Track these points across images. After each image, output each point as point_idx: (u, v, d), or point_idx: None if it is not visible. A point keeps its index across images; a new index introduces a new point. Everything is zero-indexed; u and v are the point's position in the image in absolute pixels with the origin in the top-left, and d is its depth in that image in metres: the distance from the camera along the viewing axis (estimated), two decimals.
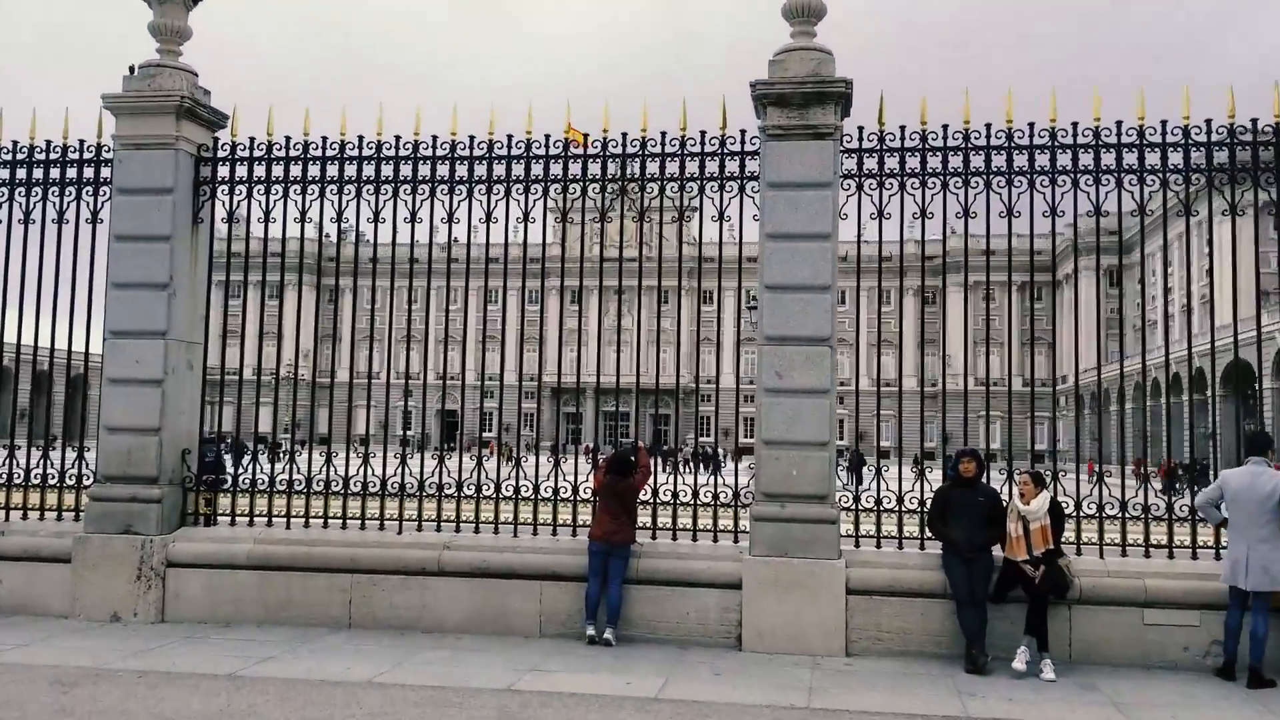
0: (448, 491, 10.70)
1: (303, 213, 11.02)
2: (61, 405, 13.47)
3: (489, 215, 10.76)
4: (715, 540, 10.27)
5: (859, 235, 10.20)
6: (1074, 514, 9.80)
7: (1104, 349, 71.41)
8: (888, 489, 10.10)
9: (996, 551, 9.48)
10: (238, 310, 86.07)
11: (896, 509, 10.09)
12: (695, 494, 10.32)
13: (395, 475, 10.76)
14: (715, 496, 10.31)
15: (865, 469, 11.64)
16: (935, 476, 10.29)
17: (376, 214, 10.89)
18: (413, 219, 10.86)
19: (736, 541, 10.22)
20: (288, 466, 10.94)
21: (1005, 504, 9.60)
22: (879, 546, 10.04)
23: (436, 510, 10.69)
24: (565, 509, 10.60)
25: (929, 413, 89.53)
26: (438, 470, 10.70)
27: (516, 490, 10.57)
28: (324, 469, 10.83)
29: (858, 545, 10.06)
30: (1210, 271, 35.15)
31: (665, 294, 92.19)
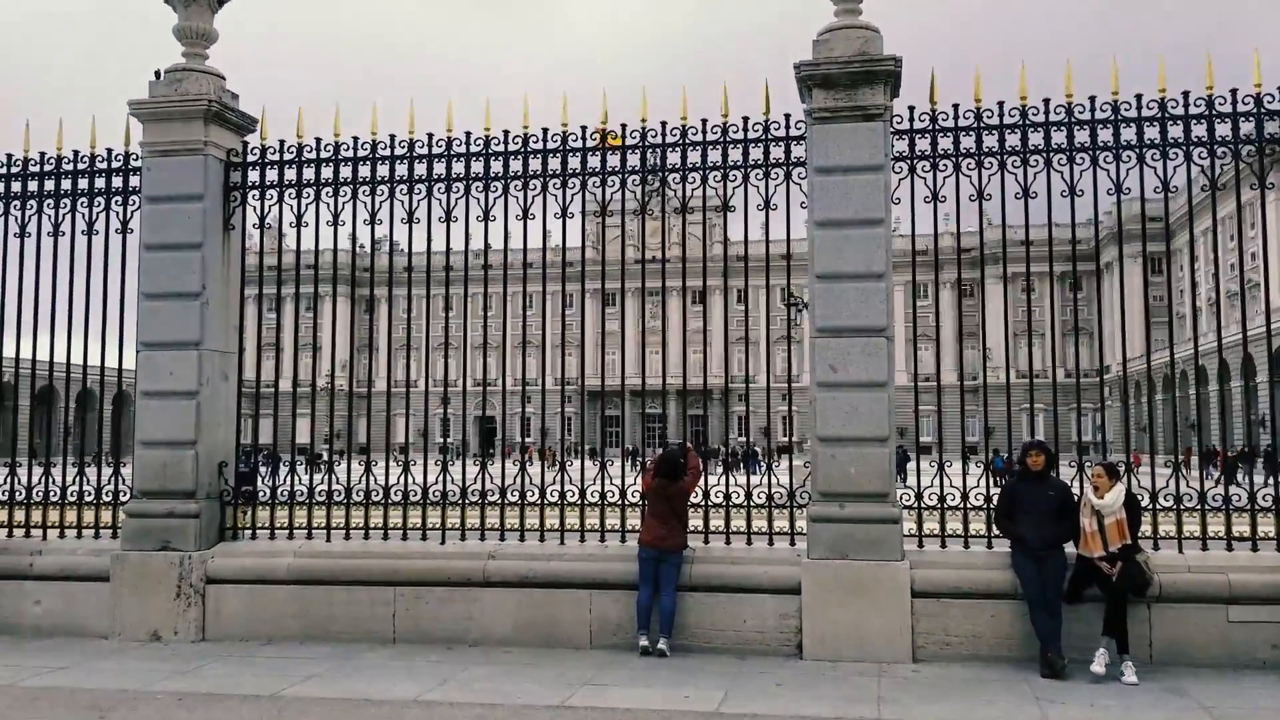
0: (491, 499, 10.34)
1: (335, 215, 10.70)
2: (95, 421, 13.22)
3: (525, 211, 10.40)
4: (771, 543, 9.84)
5: (913, 220, 9.74)
6: (1149, 506, 9.27)
7: (1179, 332, 70.16)
8: (950, 485, 9.62)
9: (1069, 548, 8.99)
10: (272, 321, 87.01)
11: (961, 506, 9.61)
12: (748, 495, 9.89)
13: (436, 483, 10.41)
14: (769, 497, 9.89)
15: (908, 465, 11.20)
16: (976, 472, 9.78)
17: (411, 214, 10.56)
18: (448, 218, 10.52)
19: (793, 544, 9.78)
20: (326, 477, 10.62)
21: (1077, 498, 9.12)
22: (944, 546, 9.57)
23: (480, 518, 10.33)
24: (613, 514, 10.20)
25: (970, 407, 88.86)
26: (480, 476, 10.34)
27: (562, 496, 10.19)
28: (363, 479, 10.52)
29: (921, 545, 9.60)
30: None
31: (705, 292, 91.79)
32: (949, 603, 9.14)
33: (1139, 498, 9.09)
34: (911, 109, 9.81)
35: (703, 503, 9.90)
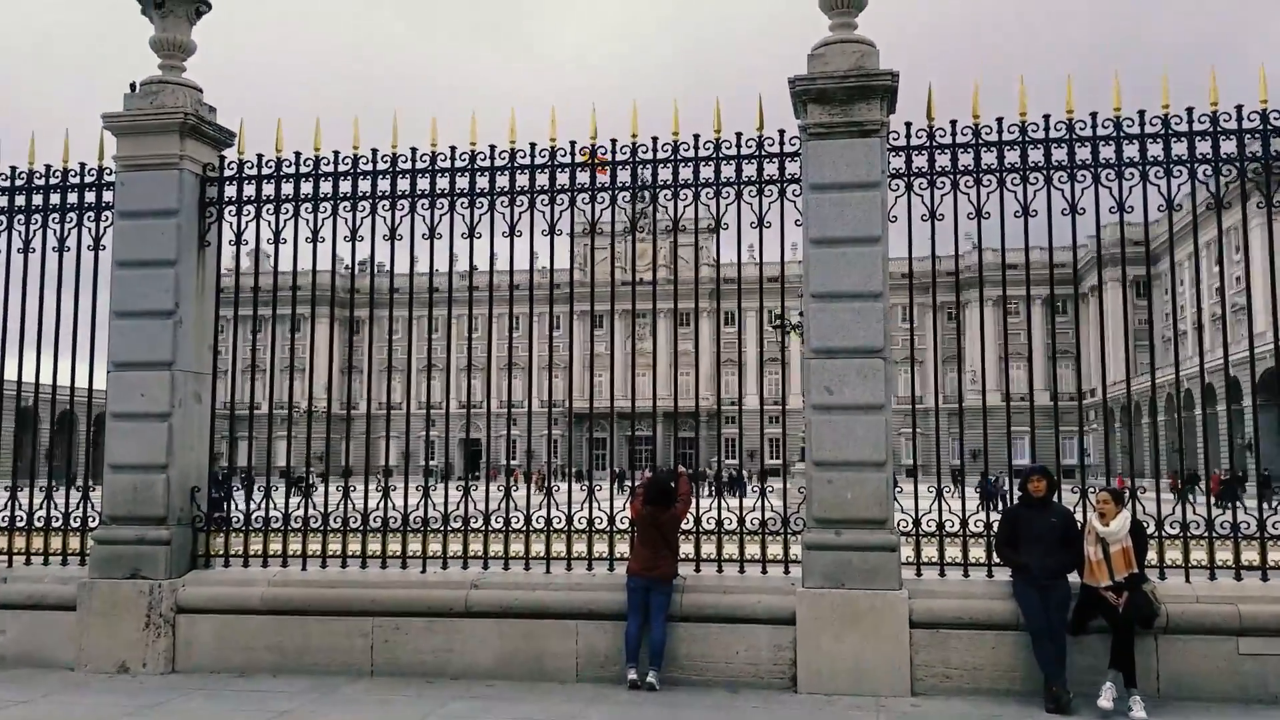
0: (474, 525, 9.98)
1: (314, 232, 10.38)
2: (66, 443, 12.83)
3: (513, 228, 10.10)
4: (764, 571, 9.50)
5: (910, 238, 9.45)
6: (1155, 534, 8.98)
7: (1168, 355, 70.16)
8: (950, 511, 9.32)
9: (1073, 578, 8.69)
10: (253, 341, 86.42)
11: (960, 533, 9.30)
12: (741, 521, 9.56)
13: (416, 509, 10.05)
14: (763, 523, 9.55)
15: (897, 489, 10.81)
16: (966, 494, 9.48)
17: (393, 230, 10.24)
18: (431, 234, 10.20)
19: (787, 572, 9.45)
20: (303, 502, 10.24)
21: (1080, 525, 8.82)
22: (943, 574, 9.25)
23: (463, 545, 9.96)
24: (601, 541, 9.85)
25: (952, 429, 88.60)
26: (462, 502, 9.98)
27: (548, 522, 9.84)
28: (341, 504, 10.15)
29: (919, 573, 9.28)
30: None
31: (696, 314, 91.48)
32: (949, 634, 8.81)
33: (1144, 524, 8.79)
34: (908, 125, 9.57)
35: (694, 529, 9.57)
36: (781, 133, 9.75)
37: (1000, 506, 9.51)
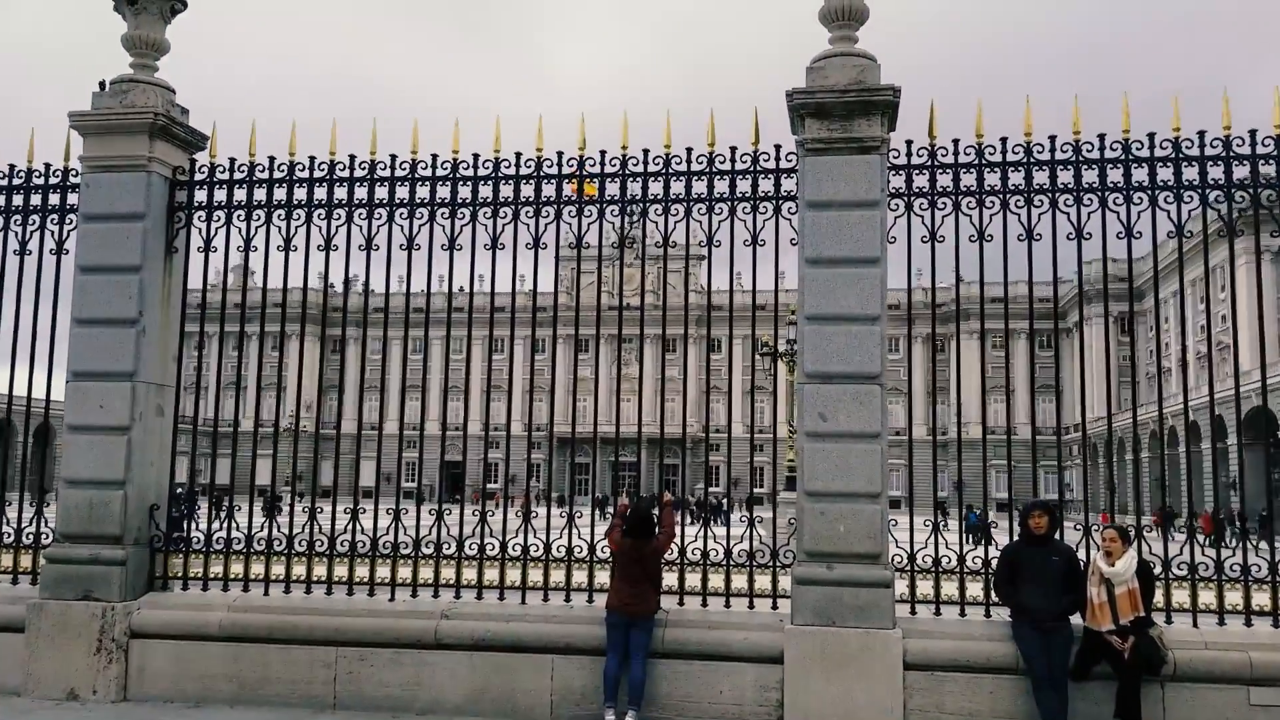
0: (447, 552, 9.49)
1: (286, 240, 9.92)
2: (21, 455, 12.31)
3: (495, 240, 9.66)
4: (751, 606, 9.03)
5: (909, 260, 9.07)
6: (1161, 576, 8.56)
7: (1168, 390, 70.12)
8: (946, 547, 8.89)
9: (1075, 620, 8.26)
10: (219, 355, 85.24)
11: (957, 569, 8.86)
12: (728, 552, 9.10)
13: (387, 533, 9.56)
14: (750, 555, 9.09)
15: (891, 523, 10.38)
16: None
17: (369, 239, 9.80)
18: (409, 245, 9.76)
19: (775, 607, 8.98)
20: (267, 523, 9.73)
21: (1084, 564, 8.40)
22: (938, 613, 8.80)
23: (434, 573, 9.47)
24: (580, 570, 9.36)
25: (939, 461, 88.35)
26: (436, 526, 9.50)
27: (525, 550, 9.37)
28: (307, 526, 9.65)
29: (914, 611, 8.83)
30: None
31: (685, 337, 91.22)
32: (944, 676, 8.35)
33: (1151, 565, 8.37)
34: (909, 143, 9.20)
35: (678, 559, 9.10)
36: (778, 148, 9.37)
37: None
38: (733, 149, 9.42)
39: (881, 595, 8.45)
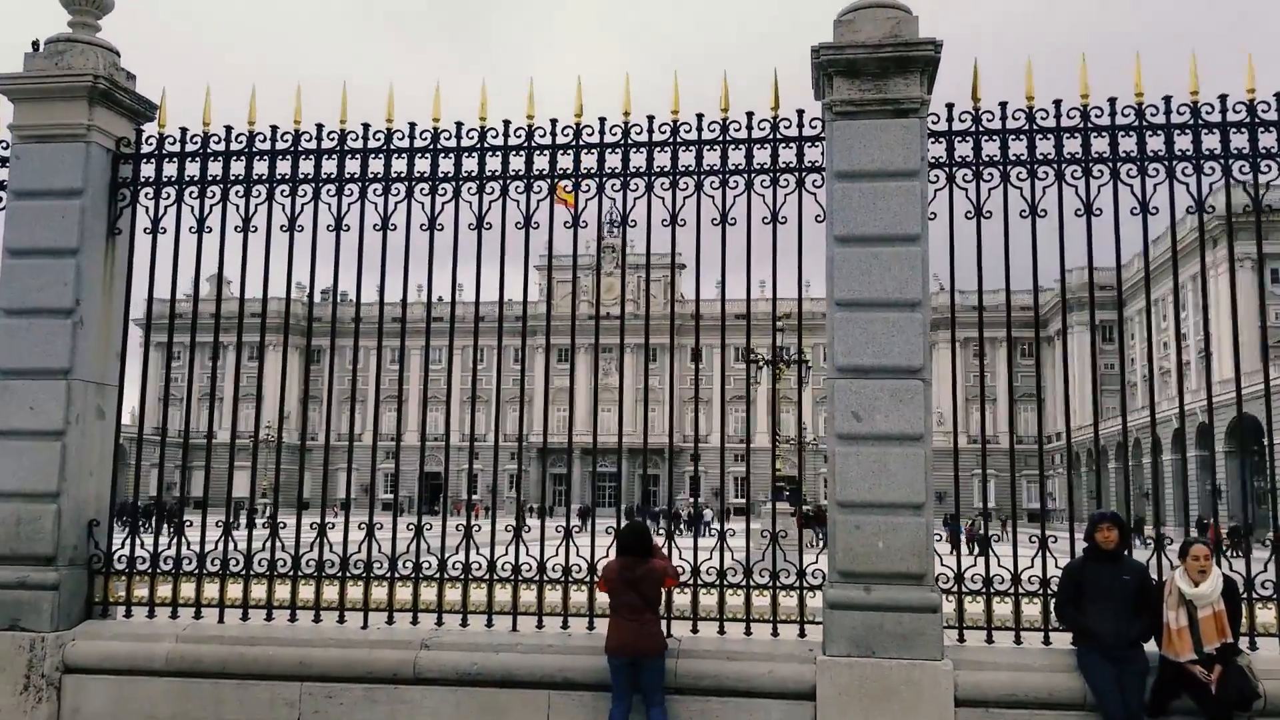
0: (427, 572, 8.34)
1: (245, 220, 8.76)
2: None
3: (480, 220, 8.55)
4: (776, 633, 7.92)
5: (951, 241, 8.02)
6: (1245, 594, 7.51)
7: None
8: (1000, 564, 7.81)
9: (1149, 647, 7.20)
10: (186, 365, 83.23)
11: (1012, 590, 7.79)
12: (748, 572, 7.99)
13: (360, 550, 8.41)
14: (774, 575, 7.98)
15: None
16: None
17: (339, 220, 8.67)
18: (384, 225, 8.63)
19: (803, 634, 7.88)
20: (222, 540, 8.56)
21: (1158, 583, 7.34)
22: (990, 640, 7.71)
23: (413, 595, 8.32)
24: (579, 592, 8.23)
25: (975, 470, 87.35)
26: (414, 542, 8.35)
27: (515, 569, 8.23)
28: (268, 543, 8.49)
29: (962, 638, 7.74)
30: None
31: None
32: (1000, 713, 7.26)
33: (1236, 583, 7.32)
34: (950, 107, 8.15)
35: (692, 581, 7.99)
36: (800, 113, 8.30)
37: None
38: (749, 114, 8.34)
39: (928, 621, 7.36)
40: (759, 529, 9.39)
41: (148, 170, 9.04)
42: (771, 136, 8.30)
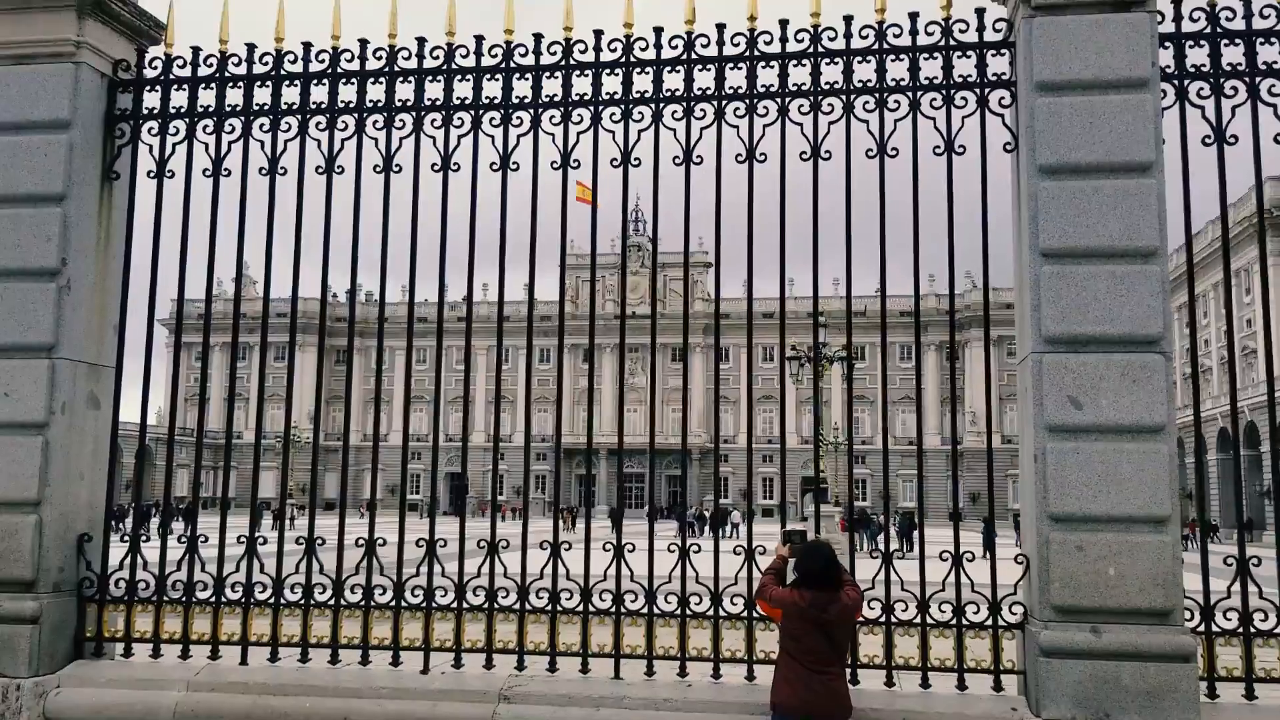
0: (504, 602, 6.56)
1: (272, 159, 7.01)
2: None
3: (505, 159, 6.77)
4: (962, 684, 6.08)
5: (1185, 172, 6.18)
6: None
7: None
8: (1260, 593, 5.95)
9: None
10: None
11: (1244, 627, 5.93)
12: (923, 605, 6.15)
13: (416, 575, 6.63)
14: (959, 610, 6.14)
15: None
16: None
17: (388, 160, 6.91)
18: (445, 165, 6.85)
19: (998, 687, 6.05)
20: (246, 559, 6.80)
21: None
22: (1251, 696, 5.85)
23: (486, 632, 6.54)
24: (699, 629, 6.41)
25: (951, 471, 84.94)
26: (487, 562, 6.56)
27: (618, 598, 6.44)
28: (303, 563, 6.73)
29: (1213, 692, 5.86)
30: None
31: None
32: None
33: None
34: (1177, 3, 6.30)
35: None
36: (980, 13, 6.46)
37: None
38: (912, 15, 6.50)
39: (1180, 674, 5.52)
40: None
41: (152, 100, 7.29)
42: (944, 43, 6.46)
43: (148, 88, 7.28)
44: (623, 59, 6.77)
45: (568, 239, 7.08)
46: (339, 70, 7.02)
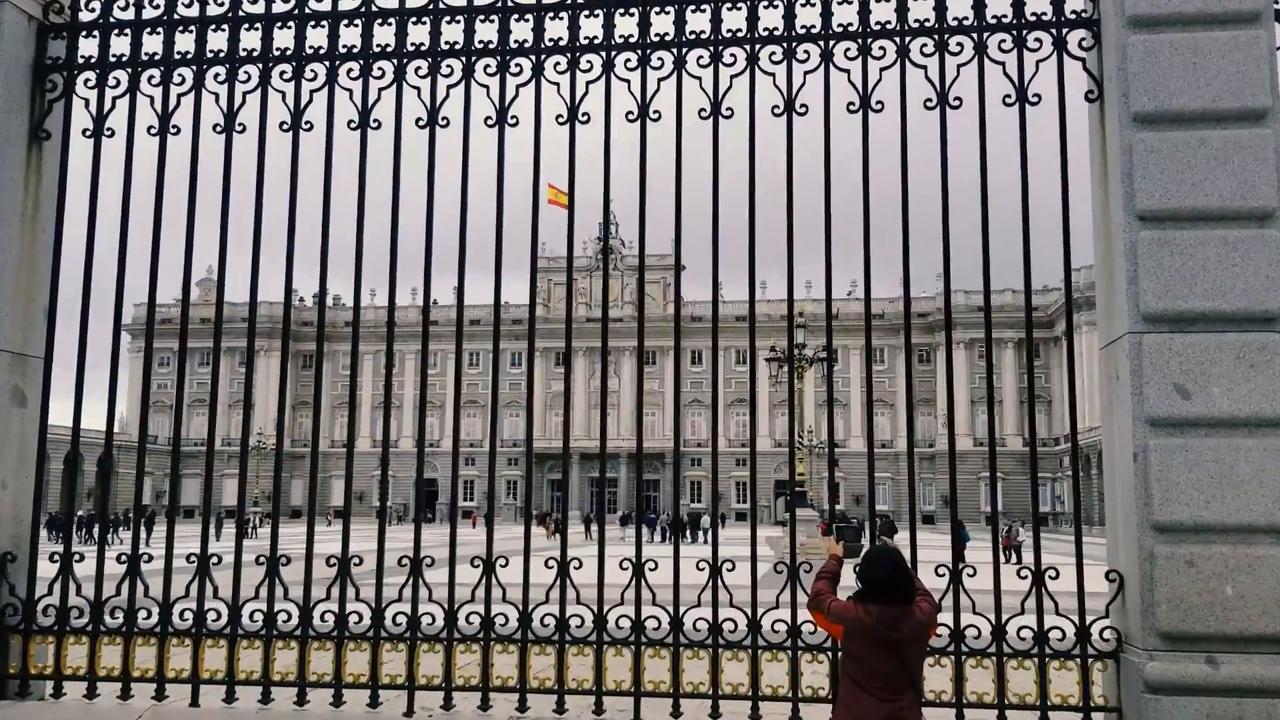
0: (503, 630, 5.60)
1: (229, 114, 6.02)
2: None
3: (503, 112, 5.82)
4: None
5: None
6: None
7: None
8: None
9: None
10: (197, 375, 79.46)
11: None
12: (999, 629, 5.24)
13: (399, 600, 5.65)
14: (1041, 635, 5.23)
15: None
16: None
17: (365, 116, 5.94)
18: (432, 121, 5.89)
19: None
20: (196, 583, 5.79)
21: None
22: None
23: (481, 666, 5.57)
24: (735, 662, 5.47)
25: (925, 474, 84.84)
26: (483, 581, 5.60)
27: (637, 627, 5.48)
28: (264, 587, 5.73)
29: None
30: None
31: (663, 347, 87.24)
32: None
33: None
34: None
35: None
36: None
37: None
38: None
39: None
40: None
41: (89, 48, 6.28)
42: None
43: (84, 33, 6.27)
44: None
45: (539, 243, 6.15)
46: (306, 11, 6.04)
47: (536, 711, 5.42)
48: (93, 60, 6.23)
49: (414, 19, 6.00)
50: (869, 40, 5.65)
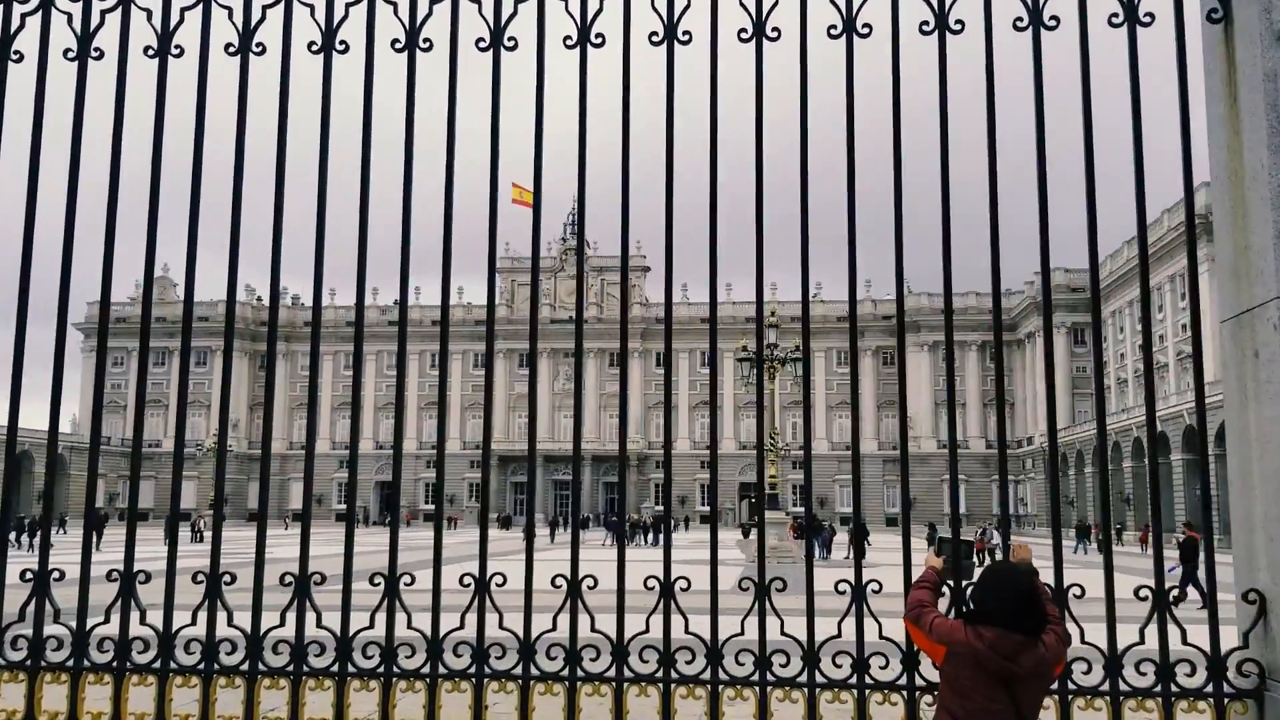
0: (500, 665, 4.56)
1: (162, 39, 4.94)
2: None
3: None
4: None
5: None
6: None
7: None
8: None
9: None
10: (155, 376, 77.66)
11: None
12: (1116, 664, 4.28)
13: (369, 627, 4.60)
14: (1166, 672, 4.27)
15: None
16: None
17: (331, 35, 4.88)
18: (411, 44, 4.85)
19: None
20: (119, 606, 4.70)
21: None
22: None
23: (473, 707, 4.53)
24: (788, 705, 4.46)
25: (889, 477, 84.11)
26: (476, 600, 4.57)
27: (666, 654, 4.46)
28: (202, 612, 4.66)
29: None
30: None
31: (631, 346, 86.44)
32: None
33: None
34: None
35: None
36: None
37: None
38: None
39: None
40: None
41: None
42: None
43: None
44: None
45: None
46: None
47: None
48: None
49: None
50: None
